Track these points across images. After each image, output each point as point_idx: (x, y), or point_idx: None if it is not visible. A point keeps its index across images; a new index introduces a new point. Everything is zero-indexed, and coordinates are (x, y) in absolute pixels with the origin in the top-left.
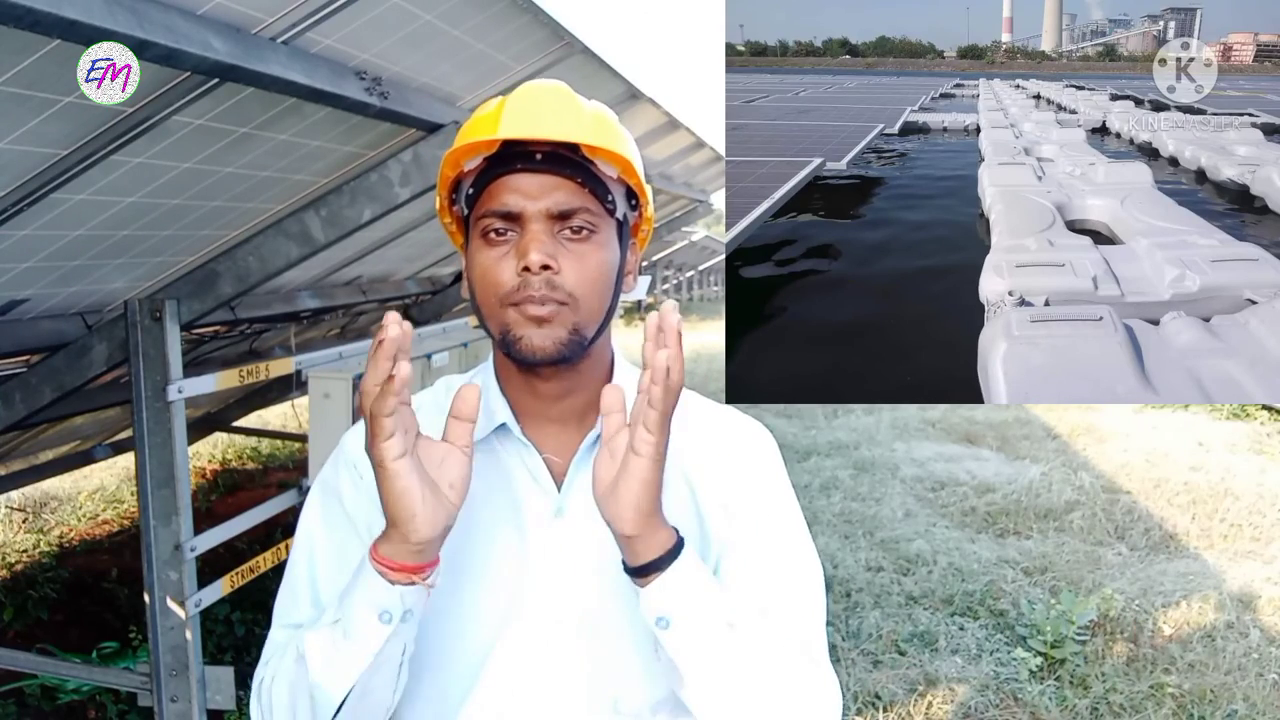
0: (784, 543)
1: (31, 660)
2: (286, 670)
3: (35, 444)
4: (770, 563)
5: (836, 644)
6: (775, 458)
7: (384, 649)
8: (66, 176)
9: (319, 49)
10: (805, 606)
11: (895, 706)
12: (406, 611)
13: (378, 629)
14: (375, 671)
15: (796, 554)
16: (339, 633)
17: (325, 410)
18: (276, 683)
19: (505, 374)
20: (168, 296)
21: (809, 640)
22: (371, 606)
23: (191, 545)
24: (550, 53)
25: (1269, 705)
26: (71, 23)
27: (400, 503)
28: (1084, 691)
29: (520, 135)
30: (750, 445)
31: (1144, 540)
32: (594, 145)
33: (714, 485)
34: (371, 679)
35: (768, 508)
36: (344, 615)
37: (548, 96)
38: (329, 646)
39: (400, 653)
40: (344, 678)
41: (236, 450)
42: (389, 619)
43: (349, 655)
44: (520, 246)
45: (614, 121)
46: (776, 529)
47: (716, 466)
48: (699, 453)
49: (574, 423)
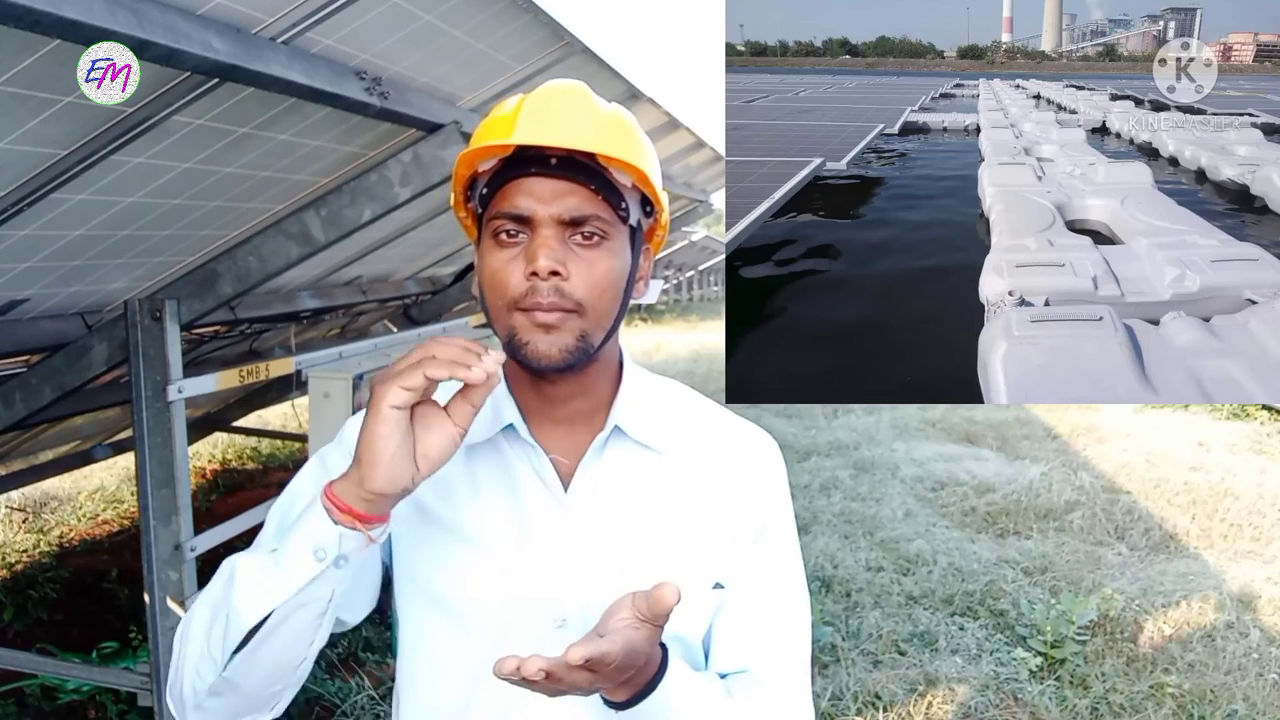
0: (780, 588)
1: (31, 660)
2: (214, 591)
3: (35, 444)
4: (765, 613)
5: (836, 644)
6: (780, 474)
7: (308, 587)
8: (66, 176)
9: (319, 49)
10: (793, 662)
11: (895, 706)
12: (340, 556)
13: (308, 564)
14: (293, 611)
15: (790, 600)
16: (271, 562)
17: (325, 410)
18: (200, 604)
19: (513, 375)
20: (168, 296)
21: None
22: (309, 540)
23: (191, 545)
24: (550, 53)
25: (1269, 705)
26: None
27: (369, 448)
28: (1084, 691)
29: (535, 141)
30: (759, 466)
31: (1144, 540)
32: (609, 155)
33: (717, 497)
34: (288, 618)
35: (769, 544)
36: (282, 545)
37: (565, 100)
38: (257, 572)
39: (325, 601)
40: (261, 605)
41: (236, 450)
42: (322, 556)
43: (273, 584)
44: (530, 251)
45: (632, 126)
46: (775, 572)
47: (721, 476)
48: (701, 456)
49: (581, 424)
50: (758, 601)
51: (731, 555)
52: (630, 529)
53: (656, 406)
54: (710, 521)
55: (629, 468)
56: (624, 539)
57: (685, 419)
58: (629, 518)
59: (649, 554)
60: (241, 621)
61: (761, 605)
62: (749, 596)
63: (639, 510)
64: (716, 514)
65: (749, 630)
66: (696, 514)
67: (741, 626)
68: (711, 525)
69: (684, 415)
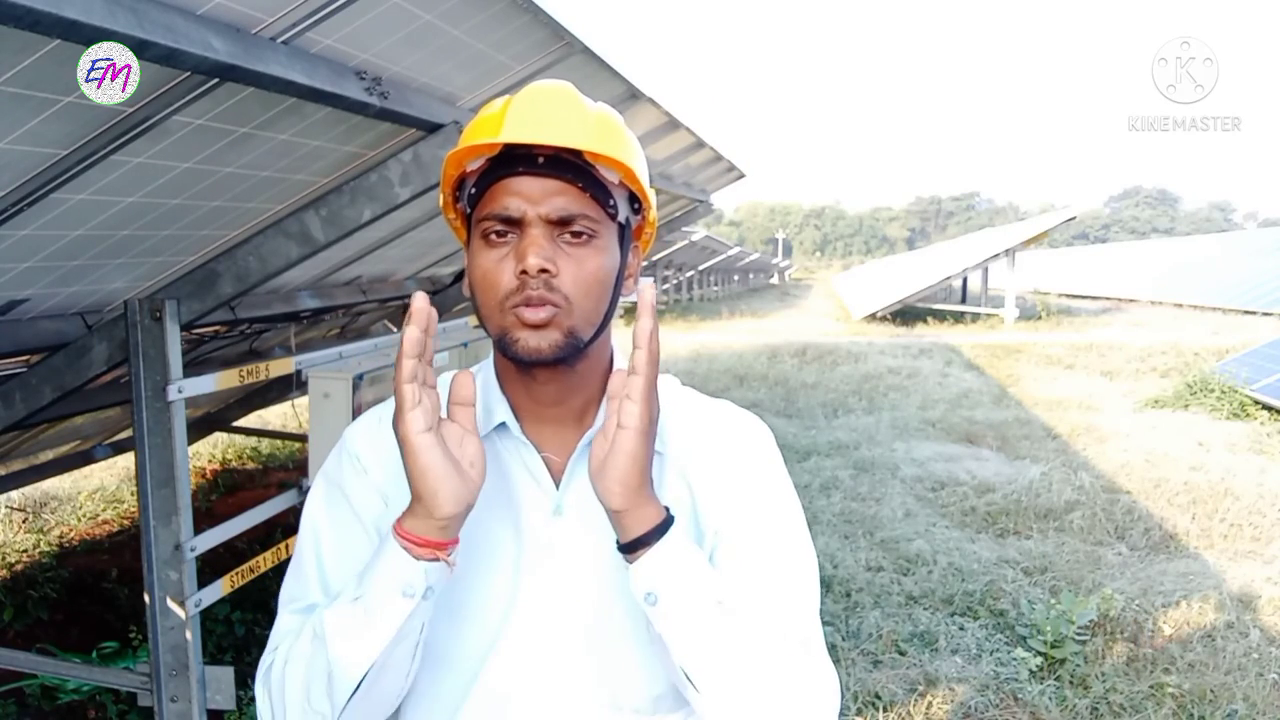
0: (779, 536)
1: (31, 660)
2: (301, 651)
3: (35, 444)
4: (765, 555)
5: (836, 644)
6: (772, 449)
7: (405, 625)
8: (66, 176)
9: (319, 49)
10: (800, 598)
11: (895, 706)
12: (428, 588)
13: (401, 604)
14: (393, 650)
15: (792, 546)
16: (359, 610)
17: (325, 410)
18: (290, 665)
19: (505, 373)
20: (168, 296)
21: (804, 630)
22: (395, 582)
23: (191, 545)
24: (550, 53)
25: (1269, 705)
26: (71, 23)
27: (425, 478)
28: (1084, 691)
29: (522, 140)
30: (746, 438)
31: (1144, 540)
32: (596, 152)
33: (710, 479)
34: (389, 657)
35: (763, 500)
36: (365, 592)
37: (551, 99)
38: (350, 623)
39: (418, 631)
40: (364, 655)
41: (236, 450)
42: (412, 594)
43: (371, 632)
44: (518, 250)
45: (619, 124)
46: (771, 522)
47: (712, 460)
48: (695, 447)
49: (573, 422)
50: (758, 546)
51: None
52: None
53: None
54: (701, 513)
55: None
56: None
57: (675, 413)
58: None
59: None
60: (349, 676)
61: (762, 550)
62: (747, 543)
63: None
64: (708, 506)
65: (751, 572)
66: (687, 507)
67: (743, 567)
68: (704, 518)
69: (674, 409)
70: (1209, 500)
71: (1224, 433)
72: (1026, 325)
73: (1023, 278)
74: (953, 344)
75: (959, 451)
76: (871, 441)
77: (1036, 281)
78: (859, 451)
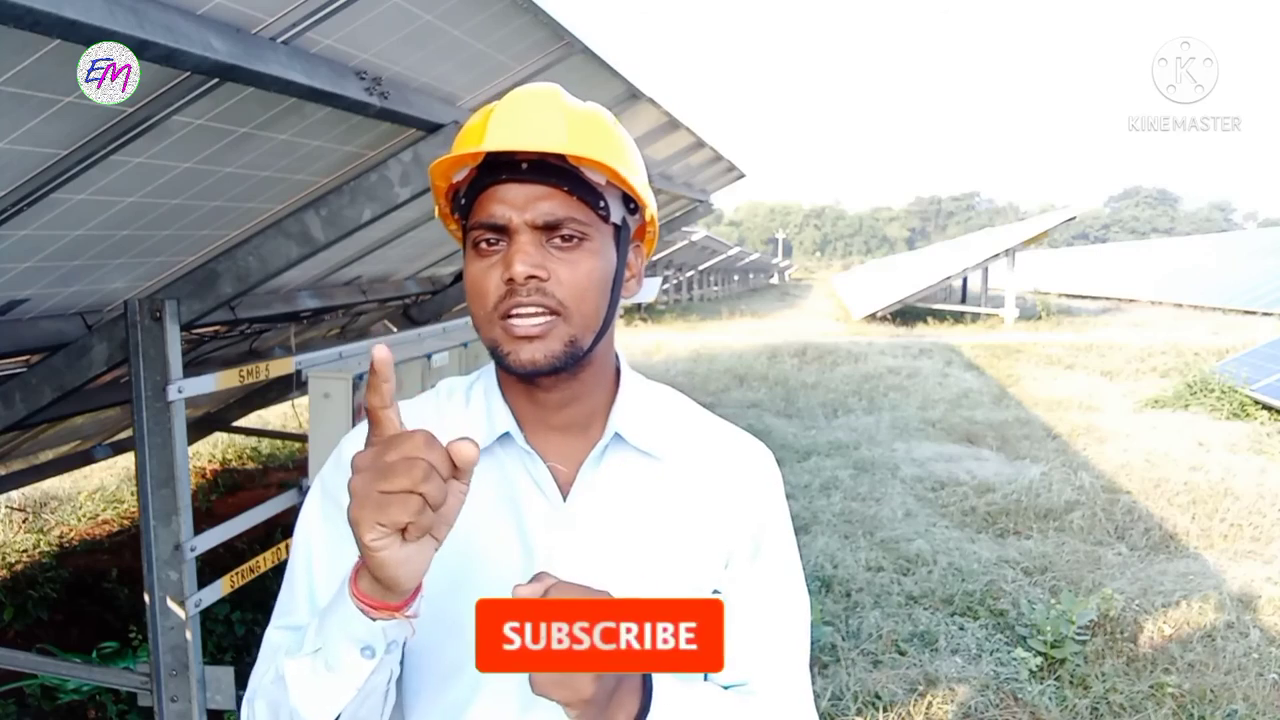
0: (779, 603)
1: (31, 660)
2: (267, 690)
3: (35, 444)
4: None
5: (836, 644)
6: (778, 484)
7: (367, 683)
8: (66, 176)
9: (319, 49)
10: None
11: (895, 706)
12: (390, 643)
13: (360, 663)
14: (361, 703)
15: (791, 600)
16: (320, 663)
17: (325, 410)
18: (257, 702)
19: (507, 381)
20: (168, 296)
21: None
22: (351, 640)
23: (191, 545)
24: (550, 52)
25: (1269, 705)
26: (71, 23)
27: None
28: (1084, 691)
29: (502, 147)
30: (756, 475)
31: (1144, 540)
32: (578, 155)
33: (719, 503)
34: (358, 709)
35: (767, 558)
36: (325, 645)
37: (534, 103)
38: (310, 676)
39: (386, 681)
40: (326, 709)
41: (236, 450)
42: (371, 654)
43: (332, 687)
44: (506, 258)
45: (607, 124)
46: (773, 586)
47: (722, 484)
48: (704, 476)
49: (578, 431)
50: (757, 614)
51: (729, 563)
52: (630, 537)
53: (655, 413)
54: (709, 530)
55: (628, 475)
56: (624, 547)
57: (683, 427)
58: (629, 525)
59: (648, 562)
60: None
61: (761, 618)
62: (748, 609)
63: (638, 518)
64: (715, 522)
65: (749, 643)
66: (695, 522)
67: (741, 640)
68: (710, 533)
69: (682, 423)
70: (1209, 500)
71: (1224, 433)
72: (1026, 325)
73: (1023, 278)
74: (953, 344)
75: (959, 451)
76: (871, 441)
77: (1036, 281)
78: (859, 451)
